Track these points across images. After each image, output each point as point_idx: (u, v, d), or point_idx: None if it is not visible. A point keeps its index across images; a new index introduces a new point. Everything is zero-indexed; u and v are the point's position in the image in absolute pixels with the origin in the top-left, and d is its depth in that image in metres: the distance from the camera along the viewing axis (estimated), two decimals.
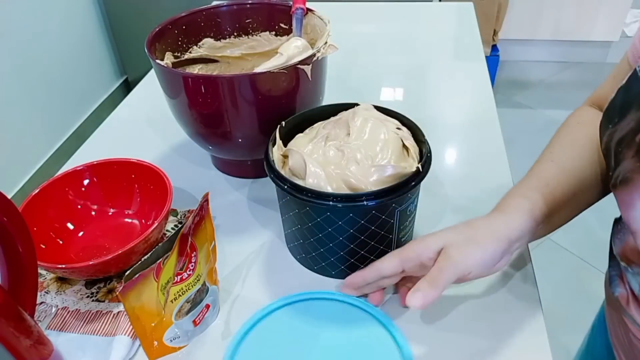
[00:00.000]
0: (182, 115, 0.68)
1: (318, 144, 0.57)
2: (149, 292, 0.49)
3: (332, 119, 0.62)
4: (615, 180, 0.43)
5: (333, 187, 0.53)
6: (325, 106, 0.65)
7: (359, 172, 0.53)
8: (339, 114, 0.62)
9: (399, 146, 0.56)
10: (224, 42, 0.80)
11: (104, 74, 2.40)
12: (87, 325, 0.56)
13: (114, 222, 0.68)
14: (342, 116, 0.60)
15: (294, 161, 0.55)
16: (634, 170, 0.40)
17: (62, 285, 0.61)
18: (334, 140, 0.57)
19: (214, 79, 0.61)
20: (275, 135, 0.60)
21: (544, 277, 1.61)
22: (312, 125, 0.63)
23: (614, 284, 0.51)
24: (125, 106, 0.96)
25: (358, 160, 0.54)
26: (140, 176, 0.67)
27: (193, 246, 0.52)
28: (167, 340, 0.53)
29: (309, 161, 0.54)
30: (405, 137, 0.57)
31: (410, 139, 0.58)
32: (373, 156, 0.54)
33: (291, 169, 0.55)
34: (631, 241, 0.47)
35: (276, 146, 0.59)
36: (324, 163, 0.54)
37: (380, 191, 0.50)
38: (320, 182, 0.53)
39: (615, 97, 0.44)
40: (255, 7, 0.78)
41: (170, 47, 0.74)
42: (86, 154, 0.81)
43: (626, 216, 0.42)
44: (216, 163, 0.78)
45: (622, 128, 0.42)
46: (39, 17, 1.94)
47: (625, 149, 0.41)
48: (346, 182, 0.53)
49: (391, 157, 0.54)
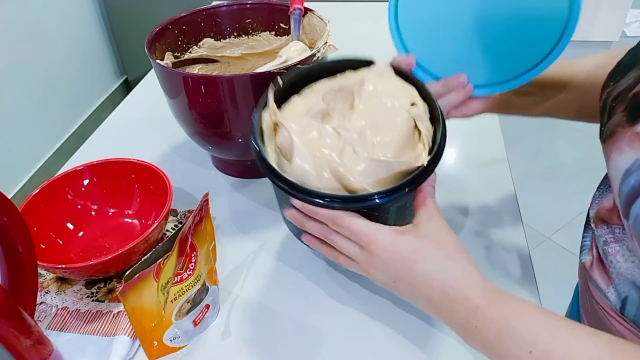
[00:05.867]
0: (182, 115, 0.68)
1: (314, 121, 0.48)
2: (149, 292, 0.49)
3: (336, 83, 0.52)
4: (604, 134, 0.44)
5: (321, 177, 0.45)
6: (330, 62, 0.55)
7: (353, 163, 0.45)
8: (345, 76, 0.53)
9: (410, 128, 0.48)
10: (224, 42, 0.80)
11: (104, 74, 2.40)
12: (87, 325, 0.56)
13: (114, 222, 0.68)
14: (347, 82, 0.51)
15: (282, 138, 0.48)
16: (619, 125, 0.42)
17: (62, 285, 0.61)
18: (333, 116, 0.49)
19: (214, 79, 0.61)
20: (267, 96, 0.51)
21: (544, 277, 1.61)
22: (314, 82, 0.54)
23: (584, 253, 0.52)
24: (125, 106, 0.97)
25: (355, 147, 0.46)
26: (140, 176, 0.67)
27: (193, 246, 0.52)
28: (167, 340, 0.53)
29: (296, 145, 0.46)
30: (418, 117, 0.48)
31: (424, 120, 0.49)
32: (375, 143, 0.46)
33: (279, 146, 0.48)
34: (606, 202, 0.48)
35: (268, 109, 0.50)
36: (315, 145, 0.47)
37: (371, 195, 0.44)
38: (305, 167, 0.46)
39: (622, 58, 0.45)
40: (255, 7, 0.78)
41: (170, 47, 0.74)
42: (86, 154, 0.81)
43: (608, 167, 0.43)
44: (216, 163, 0.78)
45: (621, 85, 0.43)
46: (39, 17, 1.94)
47: (618, 104, 0.43)
48: (336, 173, 0.45)
49: (397, 143, 0.46)
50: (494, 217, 0.68)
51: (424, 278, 0.42)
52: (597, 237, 0.48)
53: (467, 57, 0.53)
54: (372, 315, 0.56)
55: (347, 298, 0.58)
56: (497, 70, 0.52)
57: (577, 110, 0.58)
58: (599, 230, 0.48)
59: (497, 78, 0.53)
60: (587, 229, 0.53)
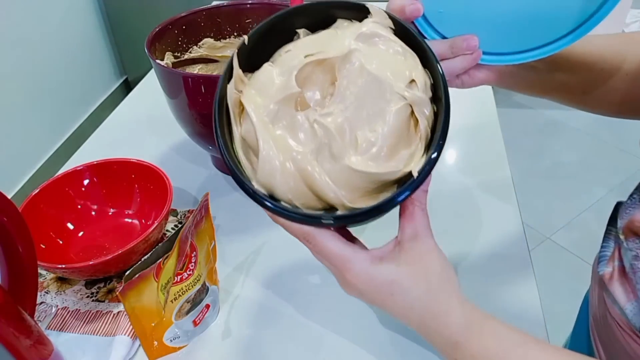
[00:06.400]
0: (182, 115, 0.68)
1: (285, 107, 0.39)
2: (149, 292, 0.49)
3: (317, 45, 0.40)
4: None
5: (291, 183, 0.38)
6: (308, 5, 0.42)
7: (329, 169, 0.37)
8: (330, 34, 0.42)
9: (404, 119, 0.38)
10: (224, 42, 0.79)
11: (104, 74, 2.40)
12: (87, 325, 0.56)
13: (114, 222, 0.68)
14: (330, 50, 0.39)
15: (246, 130, 0.39)
16: None
17: (62, 285, 0.61)
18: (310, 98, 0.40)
19: (214, 79, 0.61)
20: (232, 62, 0.40)
21: (544, 277, 1.61)
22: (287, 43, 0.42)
23: (602, 263, 0.50)
24: (125, 106, 0.96)
25: (333, 149, 0.37)
26: (140, 176, 0.67)
27: (193, 246, 0.52)
28: (167, 340, 0.53)
29: (261, 143, 0.38)
30: (417, 103, 0.38)
31: (425, 105, 0.39)
32: (359, 141, 0.37)
33: (243, 136, 0.40)
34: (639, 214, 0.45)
35: (232, 81, 0.40)
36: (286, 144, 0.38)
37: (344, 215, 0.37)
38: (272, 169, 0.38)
39: None
40: (255, 7, 0.78)
41: (170, 47, 0.74)
42: (86, 154, 0.81)
43: None
44: (216, 163, 0.78)
45: None
46: (39, 17, 1.94)
47: None
48: (308, 180, 0.37)
49: (386, 141, 0.37)
50: (494, 217, 0.68)
51: (401, 310, 0.39)
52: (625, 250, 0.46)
53: (481, 18, 0.45)
54: (373, 315, 0.56)
55: (347, 298, 0.58)
56: (511, 38, 0.46)
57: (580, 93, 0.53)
58: (629, 243, 0.45)
59: (510, 48, 0.46)
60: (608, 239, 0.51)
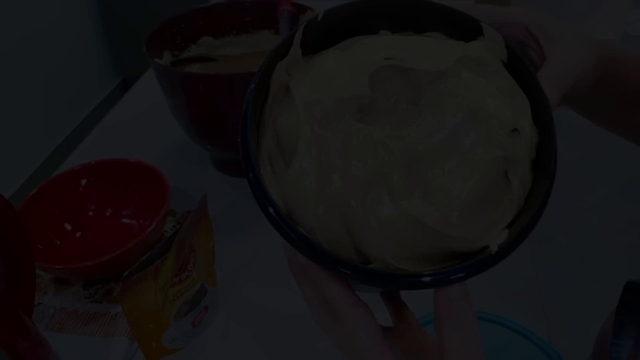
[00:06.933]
0: (181, 115, 0.68)
1: (346, 112, 0.29)
2: (147, 294, 0.48)
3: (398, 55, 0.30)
4: None
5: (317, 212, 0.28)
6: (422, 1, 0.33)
7: (379, 208, 0.28)
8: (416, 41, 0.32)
9: (496, 174, 0.29)
10: (223, 41, 0.79)
11: (102, 74, 2.39)
12: (85, 326, 0.56)
13: (112, 223, 0.67)
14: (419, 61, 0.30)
15: (285, 123, 0.30)
16: None
17: (60, 286, 0.60)
18: (380, 112, 0.30)
19: (213, 78, 0.61)
20: (294, 36, 0.32)
21: (544, 277, 1.61)
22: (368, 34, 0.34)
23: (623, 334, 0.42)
24: (123, 106, 0.96)
25: (393, 182, 0.28)
26: (139, 176, 0.67)
27: (191, 247, 0.51)
28: (166, 341, 0.52)
29: (303, 144, 0.28)
30: (514, 162, 0.29)
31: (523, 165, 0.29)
32: (432, 185, 0.28)
33: (277, 130, 0.30)
34: None
35: (286, 59, 0.31)
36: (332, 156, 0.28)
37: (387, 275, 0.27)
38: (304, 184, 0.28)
39: None
40: (255, 6, 0.78)
41: (169, 46, 0.73)
42: (84, 154, 0.81)
43: None
44: (216, 163, 0.78)
45: None
46: (36, 16, 1.93)
47: None
48: (347, 217, 0.28)
49: (467, 196, 0.28)
50: None
51: None
52: None
53: None
54: None
55: None
56: None
57: None
58: None
59: None
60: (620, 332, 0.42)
